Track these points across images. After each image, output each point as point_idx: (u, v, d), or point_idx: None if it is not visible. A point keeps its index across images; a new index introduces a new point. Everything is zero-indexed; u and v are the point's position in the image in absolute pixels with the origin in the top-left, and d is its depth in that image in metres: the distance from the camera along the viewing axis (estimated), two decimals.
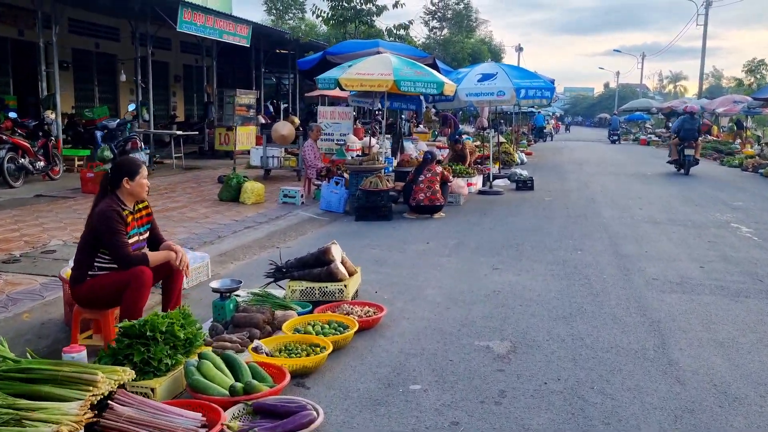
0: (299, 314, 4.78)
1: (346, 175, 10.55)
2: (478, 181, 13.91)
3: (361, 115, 33.67)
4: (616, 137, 37.69)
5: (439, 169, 10.41)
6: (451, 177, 11.07)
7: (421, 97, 14.67)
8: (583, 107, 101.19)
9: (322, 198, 10.40)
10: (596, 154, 27.41)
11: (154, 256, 4.21)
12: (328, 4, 17.04)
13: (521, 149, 25.54)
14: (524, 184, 13.61)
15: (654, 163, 21.17)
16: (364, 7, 17.07)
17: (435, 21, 42.76)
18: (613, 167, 19.61)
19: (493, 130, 17.70)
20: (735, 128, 31.47)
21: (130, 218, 4.16)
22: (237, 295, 4.87)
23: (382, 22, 16.82)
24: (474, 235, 8.52)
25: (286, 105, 27.25)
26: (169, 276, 4.37)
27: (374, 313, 4.88)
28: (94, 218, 4.06)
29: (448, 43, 40.70)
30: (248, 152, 17.19)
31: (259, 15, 50.65)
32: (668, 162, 18.50)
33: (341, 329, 4.46)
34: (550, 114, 50.31)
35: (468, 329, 4.72)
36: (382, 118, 24.43)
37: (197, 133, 20.18)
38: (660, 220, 9.74)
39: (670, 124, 32.69)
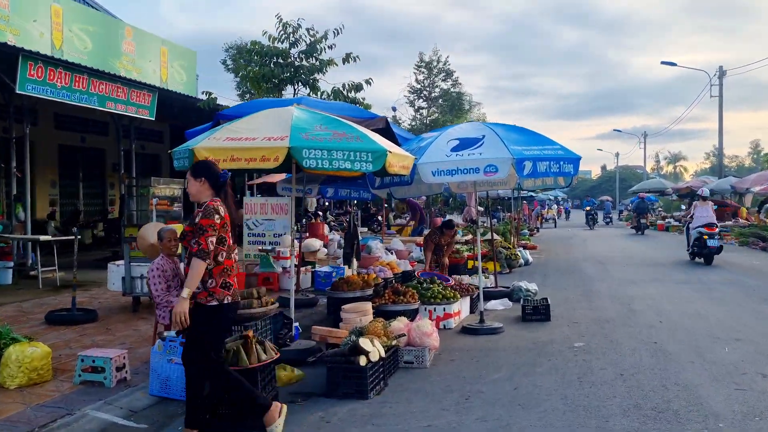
0: None
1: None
2: (463, 308, 8.95)
3: (336, 205, 29.14)
4: (609, 219, 40.10)
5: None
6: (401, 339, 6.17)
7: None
8: (583, 190, 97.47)
9: (152, 373, 5.38)
10: (614, 245, 22.53)
11: None
12: (256, 59, 12.58)
13: (523, 242, 20.72)
14: (535, 312, 8.63)
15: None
16: (304, 62, 12.60)
17: (421, 100, 38.88)
18: (647, 267, 14.66)
19: (489, 218, 12.91)
20: None
21: None
22: None
23: (328, 82, 12.19)
24: None
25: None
26: None
27: None
28: None
29: (437, 124, 36.64)
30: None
31: (233, 97, 47.15)
32: (631, 227, 30.29)
33: None
34: (551, 198, 46.05)
35: None
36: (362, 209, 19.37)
37: (79, 237, 15.26)
38: None
39: (683, 206, 36.69)
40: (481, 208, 22.86)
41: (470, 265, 13.01)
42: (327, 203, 26.95)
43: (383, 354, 5.66)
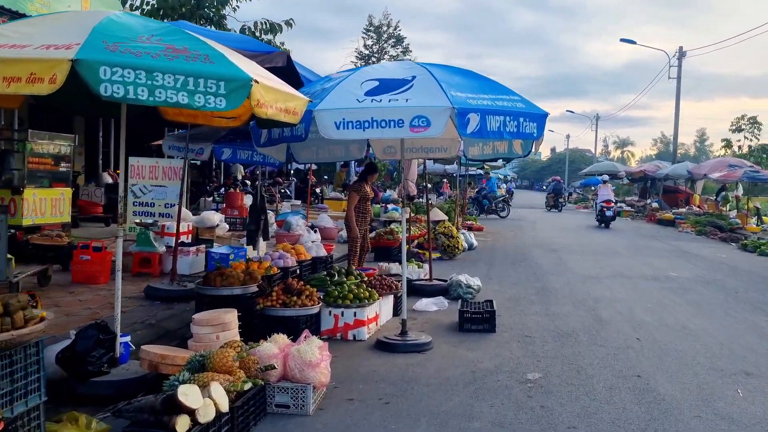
0: None
1: None
2: (384, 310, 6.84)
3: (272, 174, 26.54)
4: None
5: None
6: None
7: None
8: (532, 171, 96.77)
9: None
10: (568, 229, 20.82)
11: None
12: None
13: (468, 222, 18.75)
14: (476, 320, 6.58)
15: (658, 249, 14.62)
16: None
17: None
18: (608, 258, 12.85)
19: (427, 194, 10.84)
20: (732, 200, 25.36)
21: None
22: None
23: (236, 21, 9.76)
24: None
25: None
26: None
27: None
28: None
29: None
30: (62, 227, 10.51)
31: None
32: (547, 206, 33.25)
33: None
34: (501, 177, 44.39)
35: None
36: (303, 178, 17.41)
37: None
38: None
39: (637, 190, 37.61)
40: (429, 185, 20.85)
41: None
42: (259, 171, 24.43)
43: (225, 408, 3.48)
